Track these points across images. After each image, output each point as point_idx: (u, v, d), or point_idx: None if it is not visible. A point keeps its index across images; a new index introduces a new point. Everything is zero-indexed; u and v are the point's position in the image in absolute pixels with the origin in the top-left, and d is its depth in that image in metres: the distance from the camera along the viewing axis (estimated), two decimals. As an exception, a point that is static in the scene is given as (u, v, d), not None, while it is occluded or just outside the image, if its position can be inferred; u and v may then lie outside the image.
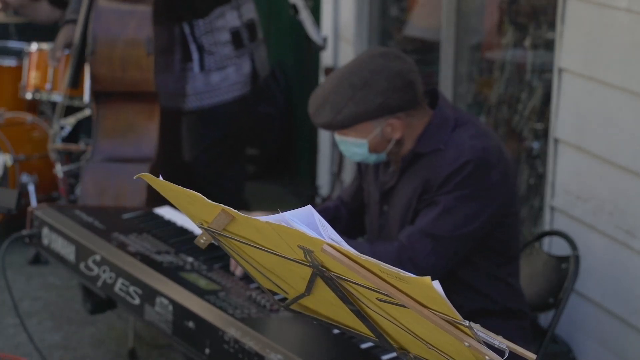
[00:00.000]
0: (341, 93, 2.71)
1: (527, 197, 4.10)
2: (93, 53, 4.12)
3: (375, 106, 2.69)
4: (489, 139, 2.76)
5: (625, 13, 3.14)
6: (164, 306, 2.73)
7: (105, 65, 4.13)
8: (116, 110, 4.17)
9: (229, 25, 4.31)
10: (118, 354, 4.01)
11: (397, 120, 2.74)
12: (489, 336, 1.44)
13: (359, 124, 2.73)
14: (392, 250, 2.71)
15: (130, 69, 4.12)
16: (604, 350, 3.35)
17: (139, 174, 1.68)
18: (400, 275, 1.42)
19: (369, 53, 2.80)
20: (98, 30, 4.13)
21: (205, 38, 4.26)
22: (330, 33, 5.33)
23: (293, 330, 2.66)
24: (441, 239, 2.69)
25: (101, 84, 4.16)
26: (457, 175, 2.70)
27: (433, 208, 2.72)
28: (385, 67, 2.71)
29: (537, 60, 4.04)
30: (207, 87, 4.31)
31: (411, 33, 5.16)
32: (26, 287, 4.65)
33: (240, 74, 4.35)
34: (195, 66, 4.28)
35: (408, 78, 2.72)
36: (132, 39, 4.11)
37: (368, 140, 2.76)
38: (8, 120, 5.17)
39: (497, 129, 4.30)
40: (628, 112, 3.17)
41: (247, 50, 4.37)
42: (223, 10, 4.29)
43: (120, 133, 4.16)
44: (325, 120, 2.74)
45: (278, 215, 1.53)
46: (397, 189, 2.86)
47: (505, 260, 2.84)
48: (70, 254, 3.15)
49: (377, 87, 2.69)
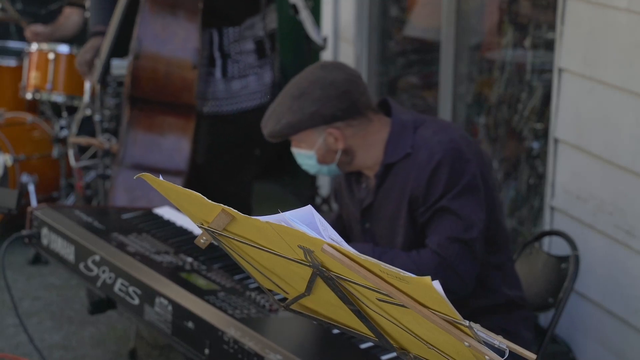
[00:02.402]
0: (282, 104, 2.82)
1: (527, 197, 4.10)
2: (137, 58, 4.04)
3: (309, 115, 2.76)
4: (452, 131, 2.80)
5: (625, 13, 3.14)
6: (163, 306, 2.73)
7: (149, 72, 4.05)
8: (152, 117, 4.10)
9: (254, 35, 4.27)
10: (118, 354, 4.01)
11: (336, 130, 2.79)
12: (489, 336, 1.44)
13: (298, 133, 2.81)
14: (426, 263, 2.72)
15: (173, 79, 4.05)
16: (604, 350, 3.35)
17: (138, 174, 1.68)
18: (400, 275, 1.42)
19: (314, 65, 2.89)
20: (144, 36, 4.05)
21: (232, 46, 4.22)
22: (330, 33, 5.33)
23: (293, 330, 2.66)
24: (469, 240, 2.71)
25: (141, 90, 4.08)
26: (439, 175, 2.72)
27: (442, 216, 2.73)
28: (321, 77, 2.78)
29: (537, 60, 4.05)
30: (227, 93, 4.27)
31: (411, 33, 5.16)
32: (26, 287, 4.65)
33: (261, 83, 4.31)
34: (218, 72, 4.24)
35: (343, 87, 2.77)
36: (180, 50, 4.04)
37: (314, 151, 2.82)
38: (8, 120, 5.17)
39: (497, 129, 4.30)
40: (628, 112, 3.17)
41: (269, 60, 4.33)
42: (253, 22, 4.24)
43: (153, 141, 4.09)
44: (268, 130, 2.84)
45: (278, 215, 1.53)
46: (376, 204, 2.88)
47: (497, 247, 2.86)
48: (70, 254, 3.15)
49: (311, 96, 2.76)
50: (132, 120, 4.12)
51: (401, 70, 5.31)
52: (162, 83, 4.05)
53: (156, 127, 4.11)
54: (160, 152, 4.08)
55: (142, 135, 4.10)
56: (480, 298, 2.84)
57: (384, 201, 2.85)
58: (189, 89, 4.05)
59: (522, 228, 4.14)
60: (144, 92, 4.09)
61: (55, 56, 5.03)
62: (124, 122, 4.17)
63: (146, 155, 4.07)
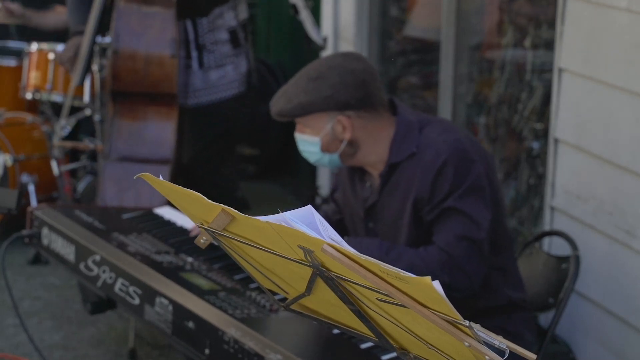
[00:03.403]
0: (297, 84, 2.81)
1: (527, 197, 4.10)
2: (115, 52, 4.09)
3: (323, 98, 2.75)
4: (456, 131, 2.81)
5: (625, 13, 3.14)
6: (163, 306, 2.73)
7: (127, 65, 4.10)
8: (134, 109, 4.14)
9: (227, 25, 4.34)
10: (118, 354, 4.01)
11: (347, 119, 2.78)
12: (489, 336, 1.44)
13: (308, 115, 2.79)
14: (434, 259, 2.72)
15: (152, 71, 4.09)
16: (604, 350, 3.35)
17: (138, 174, 1.69)
18: (400, 275, 1.42)
19: (336, 53, 2.87)
20: (120, 30, 4.10)
21: (207, 37, 4.29)
22: (330, 33, 5.33)
23: (293, 330, 2.66)
24: (478, 239, 2.71)
25: (121, 84, 4.13)
26: (444, 175, 2.72)
27: (449, 215, 2.73)
28: (341, 64, 2.78)
29: (537, 60, 4.05)
30: (205, 84, 4.33)
31: (411, 33, 5.16)
32: (26, 287, 4.65)
33: (238, 72, 4.39)
34: (195, 63, 4.30)
35: (361, 77, 2.77)
36: (157, 40, 4.08)
37: (320, 137, 2.80)
38: (8, 120, 5.17)
39: (497, 129, 4.30)
40: (628, 112, 3.17)
41: (243, 49, 4.41)
42: (222, 10, 4.32)
43: (137, 133, 4.13)
44: (277, 108, 2.82)
45: (278, 215, 1.53)
46: (380, 204, 2.88)
47: (499, 248, 2.86)
48: (70, 254, 3.15)
49: (329, 80, 2.76)
50: (115, 114, 4.16)
51: (401, 70, 5.31)
52: (141, 75, 4.09)
53: (139, 118, 4.15)
54: (144, 143, 4.11)
55: (126, 128, 4.14)
56: (482, 299, 2.84)
57: (388, 200, 2.84)
58: (169, 79, 4.09)
59: (522, 228, 4.14)
60: (125, 85, 4.13)
61: (55, 56, 5.03)
62: (107, 118, 4.22)
63: (131, 147, 4.10)
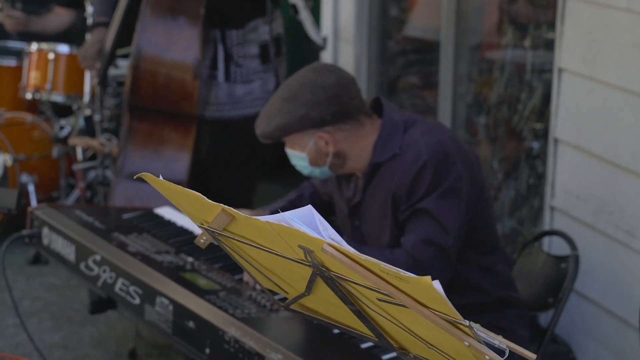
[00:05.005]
0: (274, 106, 2.80)
1: (527, 197, 4.10)
2: (136, 67, 3.98)
3: (298, 118, 2.75)
4: (440, 132, 2.80)
5: (625, 13, 3.14)
6: (164, 306, 2.73)
7: (148, 81, 3.99)
8: (151, 126, 4.05)
9: (259, 39, 4.20)
10: (118, 354, 4.01)
11: (327, 134, 2.78)
12: (489, 336, 1.44)
13: (288, 135, 2.80)
14: (400, 263, 2.70)
15: (173, 90, 3.99)
16: (603, 350, 3.35)
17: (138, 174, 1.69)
18: (400, 275, 1.43)
19: (307, 67, 2.87)
20: (143, 44, 3.99)
21: (235, 49, 4.16)
22: (330, 33, 5.33)
23: (293, 330, 2.66)
24: (445, 244, 2.70)
25: (140, 99, 4.02)
26: (423, 176, 2.71)
27: (421, 217, 2.72)
28: (312, 80, 2.76)
29: (537, 60, 4.05)
30: (229, 99, 4.19)
31: (411, 33, 5.16)
32: (26, 287, 4.65)
33: (265, 89, 4.23)
34: (220, 75, 4.17)
35: (333, 91, 2.75)
36: (180, 59, 3.98)
37: (306, 153, 2.81)
38: (8, 120, 5.17)
39: (497, 129, 4.30)
40: (628, 112, 3.17)
41: (272, 65, 4.27)
42: (257, 24, 4.19)
43: (152, 150, 4.05)
44: (259, 131, 2.83)
45: (278, 215, 1.53)
46: (364, 203, 2.88)
47: (487, 249, 2.86)
48: (70, 254, 3.15)
49: (301, 99, 2.75)
50: (131, 131, 4.06)
51: (401, 70, 5.31)
52: (162, 91, 4.00)
53: (155, 138, 4.05)
54: (159, 163, 4.03)
55: (142, 146, 4.05)
56: (469, 297, 2.83)
57: (371, 200, 2.85)
58: (189, 98, 3.99)
59: (522, 228, 4.14)
60: (143, 100, 4.03)
61: (55, 56, 5.03)
62: (123, 128, 4.14)
63: (145, 166, 4.02)
